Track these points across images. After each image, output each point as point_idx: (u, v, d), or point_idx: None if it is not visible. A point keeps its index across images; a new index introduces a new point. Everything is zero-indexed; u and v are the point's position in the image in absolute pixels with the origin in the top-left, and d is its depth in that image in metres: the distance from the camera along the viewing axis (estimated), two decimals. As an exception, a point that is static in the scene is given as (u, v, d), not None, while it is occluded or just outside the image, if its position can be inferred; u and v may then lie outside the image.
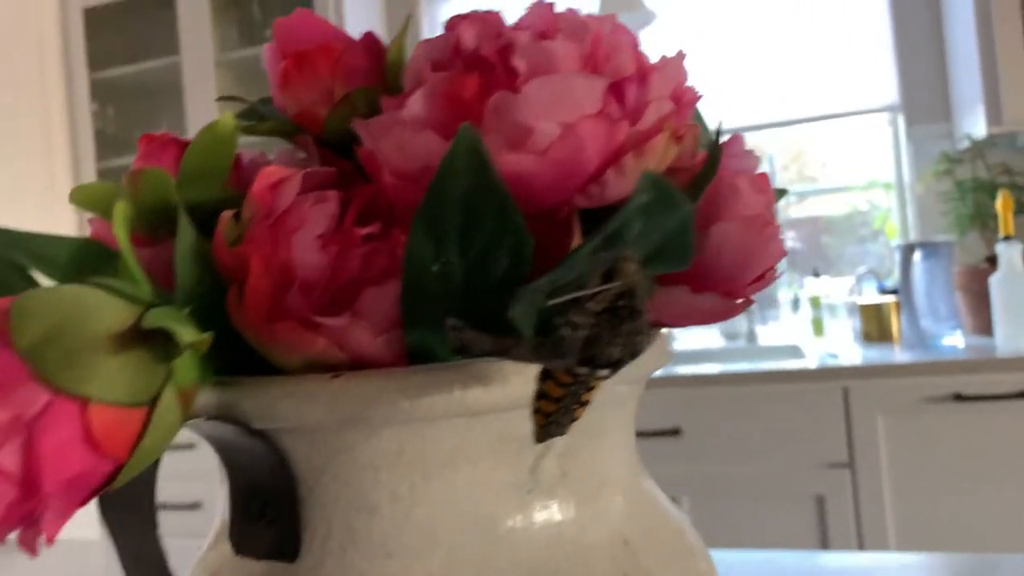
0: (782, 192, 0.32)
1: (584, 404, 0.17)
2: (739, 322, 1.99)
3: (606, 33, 0.22)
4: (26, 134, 1.98)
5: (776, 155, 2.20)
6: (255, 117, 0.26)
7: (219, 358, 0.22)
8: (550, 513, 0.23)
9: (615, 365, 0.16)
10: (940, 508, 1.48)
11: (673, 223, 0.18)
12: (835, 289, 1.88)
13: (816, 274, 1.90)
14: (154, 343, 0.17)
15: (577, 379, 0.16)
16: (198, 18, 2.02)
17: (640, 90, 0.21)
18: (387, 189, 0.21)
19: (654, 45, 2.05)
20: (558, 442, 0.23)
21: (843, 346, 1.74)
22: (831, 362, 1.55)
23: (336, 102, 0.23)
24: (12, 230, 0.19)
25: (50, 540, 0.15)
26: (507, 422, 0.22)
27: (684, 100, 0.22)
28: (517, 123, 0.19)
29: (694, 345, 2.00)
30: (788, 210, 2.20)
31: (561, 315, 0.15)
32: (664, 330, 0.27)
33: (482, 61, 0.21)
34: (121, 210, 0.20)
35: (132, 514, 0.19)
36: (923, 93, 1.92)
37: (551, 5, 0.23)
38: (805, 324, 1.91)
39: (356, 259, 0.20)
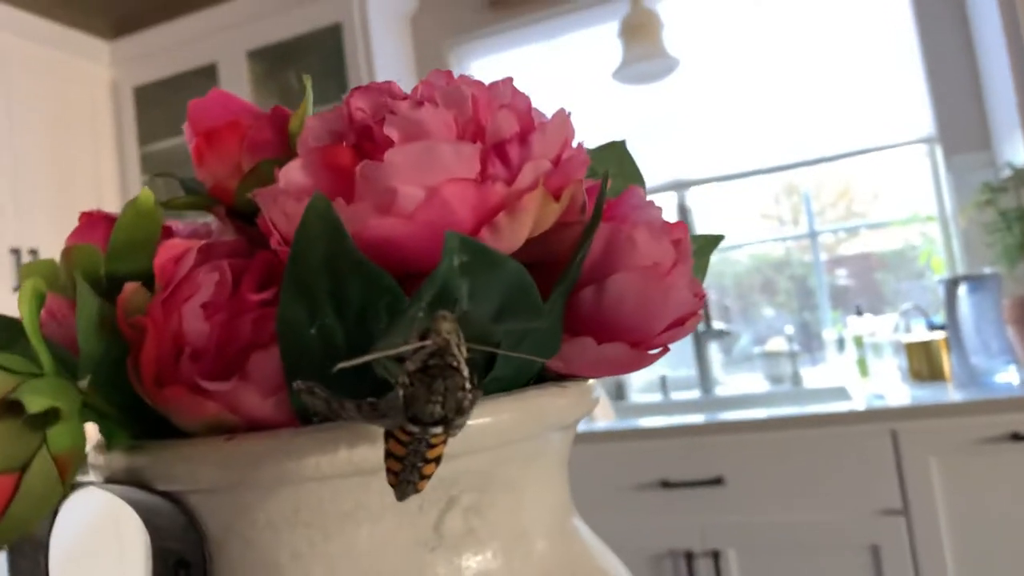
0: (716, 238, 0.32)
1: (432, 461, 0.17)
2: (783, 364, 1.94)
3: (489, 98, 0.23)
4: (81, 205, 2.09)
5: (821, 193, 2.16)
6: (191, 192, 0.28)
7: (137, 423, 0.24)
8: (456, 570, 0.23)
9: (442, 423, 0.16)
10: (1002, 554, 1.39)
11: (506, 279, 0.18)
12: (880, 327, 1.82)
13: (859, 312, 1.85)
14: (30, 415, 0.18)
15: (413, 437, 0.17)
16: (239, 89, 2.12)
17: (522, 151, 0.22)
18: (280, 254, 0.22)
19: (679, 90, 2.07)
20: (463, 498, 0.23)
21: (890, 386, 1.68)
22: (878, 403, 1.49)
23: (244, 175, 0.24)
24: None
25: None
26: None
27: (567, 158, 0.22)
28: (383, 188, 0.20)
29: (737, 390, 1.96)
30: (838, 247, 2.16)
31: (388, 376, 0.16)
32: (591, 381, 0.27)
33: (366, 131, 0.22)
34: (29, 287, 0.21)
35: (31, 553, 0.20)
36: (959, 123, 1.88)
37: (449, 73, 0.24)
38: (851, 365, 1.85)
39: (248, 324, 0.21)
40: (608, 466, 1.62)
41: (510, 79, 0.24)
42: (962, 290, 1.63)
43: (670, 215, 2.02)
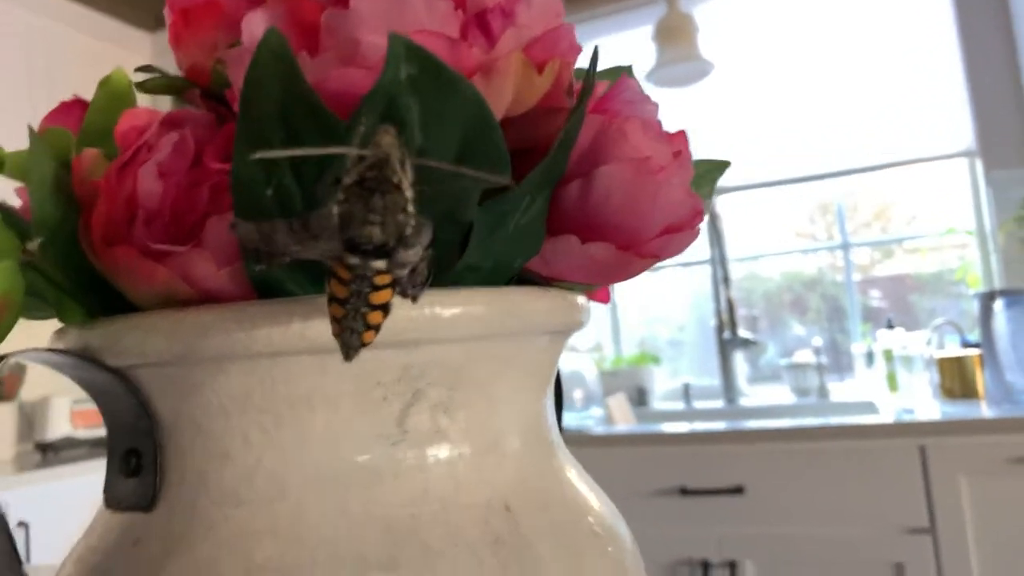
0: (722, 163, 0.30)
1: (378, 308, 0.16)
2: (810, 377, 1.89)
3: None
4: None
5: (856, 211, 2.11)
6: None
7: (92, 302, 0.22)
8: (418, 469, 0.21)
9: (383, 251, 0.15)
10: (1037, 581, 1.33)
11: (463, 110, 0.17)
12: (912, 342, 1.77)
13: (890, 325, 1.80)
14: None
15: (355, 273, 0.15)
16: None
17: (504, 22, 0.21)
18: (243, 123, 0.21)
19: (713, 95, 2.04)
20: (430, 393, 0.22)
21: (920, 402, 1.62)
22: (907, 418, 1.45)
23: (219, 53, 0.23)
24: None
25: None
26: (365, 364, 0.20)
27: (554, 29, 0.21)
28: (348, 39, 0.18)
29: (762, 401, 1.91)
30: (872, 268, 2.11)
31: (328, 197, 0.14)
32: (581, 299, 0.26)
33: (336, -6, 0.21)
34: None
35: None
36: (1001, 137, 1.83)
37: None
38: (880, 380, 1.80)
39: (206, 191, 0.20)
40: (627, 471, 1.59)
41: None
42: (998, 305, 1.57)
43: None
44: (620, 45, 2.14)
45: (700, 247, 2.01)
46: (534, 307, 0.23)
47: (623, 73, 0.26)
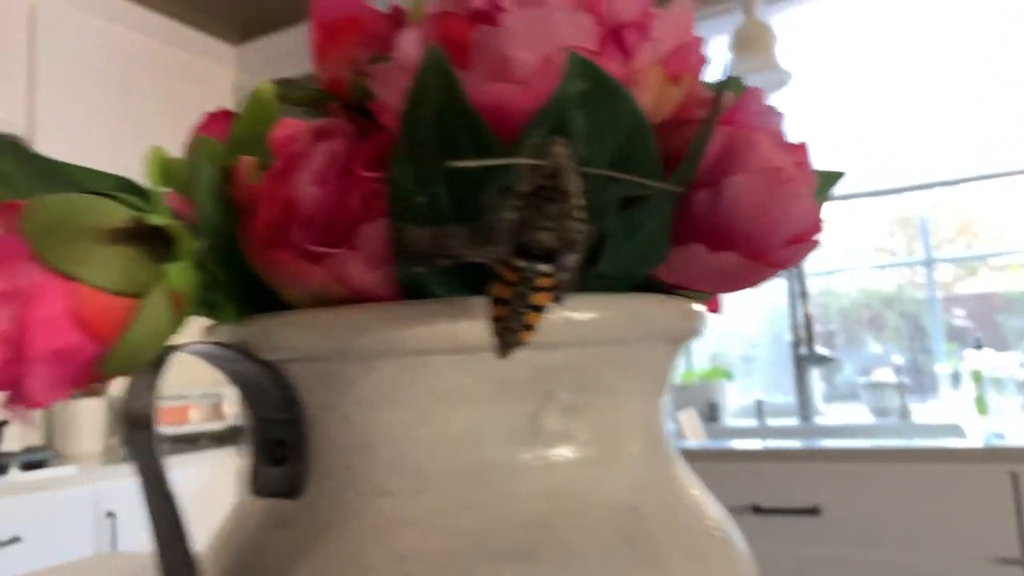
0: (835, 175, 0.30)
1: (538, 309, 0.17)
2: (890, 397, 1.83)
3: (609, -16, 0.22)
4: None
5: (940, 226, 2.04)
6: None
7: (245, 301, 0.24)
8: (550, 468, 0.22)
9: (551, 256, 0.15)
10: None
11: (623, 121, 0.17)
12: (1002, 363, 1.69)
13: (979, 346, 1.72)
14: (151, 247, 0.18)
15: (521, 275, 0.16)
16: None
17: (639, 37, 0.21)
18: (392, 133, 0.22)
19: (794, 104, 2.00)
20: (562, 394, 0.22)
21: (1012, 426, 1.55)
22: (997, 442, 1.38)
23: (360, 66, 0.24)
24: (61, 162, 0.22)
25: (36, 405, 0.16)
26: (504, 366, 0.21)
27: (688, 44, 0.22)
28: (497, 55, 0.19)
29: (839, 420, 1.86)
30: (955, 285, 2.03)
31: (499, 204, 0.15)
32: (697, 307, 0.26)
33: (480, 12, 0.22)
34: (155, 155, 0.22)
35: (137, 430, 0.21)
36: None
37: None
38: (967, 402, 1.72)
39: (357, 198, 0.21)
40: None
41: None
42: (1100, 326, 1.49)
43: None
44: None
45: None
46: (659, 313, 0.23)
47: (746, 87, 0.26)
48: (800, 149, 0.25)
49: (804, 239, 0.24)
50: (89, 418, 2.02)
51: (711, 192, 0.23)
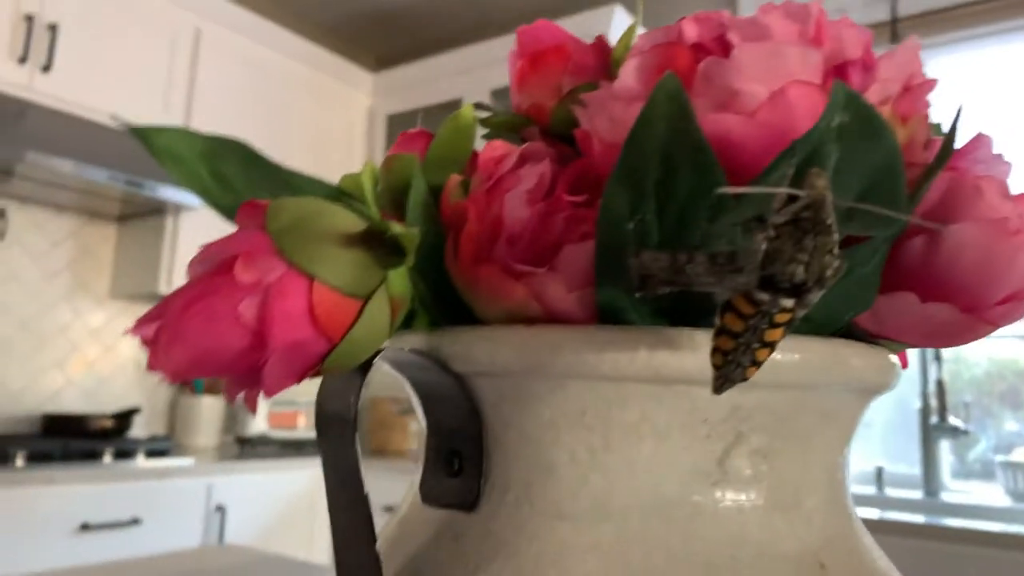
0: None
1: (768, 346, 0.16)
2: (1030, 480, 1.68)
3: (832, 22, 0.22)
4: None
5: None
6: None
7: (437, 312, 0.25)
8: (737, 511, 0.21)
9: (799, 290, 0.15)
10: None
11: (878, 156, 0.17)
12: None
13: None
14: (377, 252, 0.19)
15: (759, 309, 0.16)
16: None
17: (865, 74, 0.21)
18: (597, 160, 0.22)
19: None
20: (753, 437, 0.22)
21: None
22: None
23: (563, 95, 0.25)
24: (282, 167, 0.23)
25: (268, 393, 0.17)
26: (697, 399, 0.21)
27: (917, 85, 0.21)
28: (725, 87, 0.19)
29: (969, 499, 1.72)
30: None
31: (746, 233, 0.15)
32: (894, 359, 0.25)
33: (700, 45, 0.22)
34: (369, 168, 0.23)
35: (337, 429, 0.21)
36: None
37: (799, 3, 0.23)
38: (1122, 493, 1.56)
39: (560, 221, 0.22)
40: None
41: (848, 19, 0.23)
42: None
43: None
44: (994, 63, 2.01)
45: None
46: (861, 363, 0.22)
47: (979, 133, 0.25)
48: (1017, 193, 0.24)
49: (1022, 296, 0.22)
50: (209, 414, 2.14)
51: (928, 239, 0.22)
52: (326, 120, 2.41)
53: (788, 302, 0.15)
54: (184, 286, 0.18)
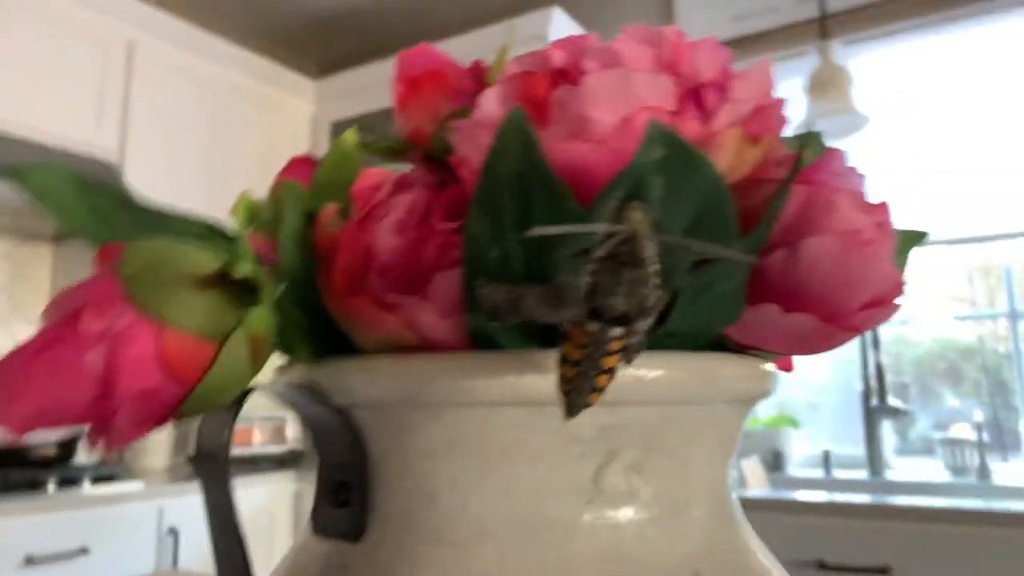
0: (919, 234, 0.29)
1: (608, 372, 0.17)
2: (968, 455, 1.74)
3: (687, 43, 0.22)
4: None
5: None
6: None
7: (319, 343, 0.25)
8: (612, 528, 0.22)
9: (623, 320, 0.15)
10: None
11: (701, 187, 0.17)
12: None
13: (1067, 405, 1.63)
14: (234, 292, 0.19)
15: (592, 338, 0.16)
16: (424, 131, 2.26)
17: (719, 97, 0.21)
18: (468, 186, 0.22)
19: (871, 148, 1.96)
20: (626, 453, 0.22)
21: (1105, 493, 1.45)
22: (1087, 510, 1.30)
23: (441, 120, 0.25)
24: (153, 208, 0.23)
25: (119, 443, 0.17)
26: (570, 422, 0.21)
27: (768, 105, 0.21)
28: (577, 115, 0.20)
29: (911, 476, 1.78)
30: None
31: (574, 267, 0.15)
32: (768, 368, 0.25)
33: (564, 70, 0.22)
34: (243, 200, 0.23)
35: (211, 469, 0.21)
36: None
37: (654, 28, 0.24)
38: (1054, 464, 1.63)
39: (433, 249, 0.22)
40: (760, 538, 1.51)
41: (713, 38, 0.23)
42: None
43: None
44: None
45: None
46: (730, 374, 0.23)
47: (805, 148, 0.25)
48: (881, 209, 0.25)
49: (883, 303, 0.23)
50: (157, 436, 2.09)
51: (788, 252, 0.23)
52: (270, 129, 2.37)
53: (617, 331, 0.16)
54: (32, 337, 0.17)
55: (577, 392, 0.17)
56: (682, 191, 0.18)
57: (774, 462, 1.89)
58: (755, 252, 0.22)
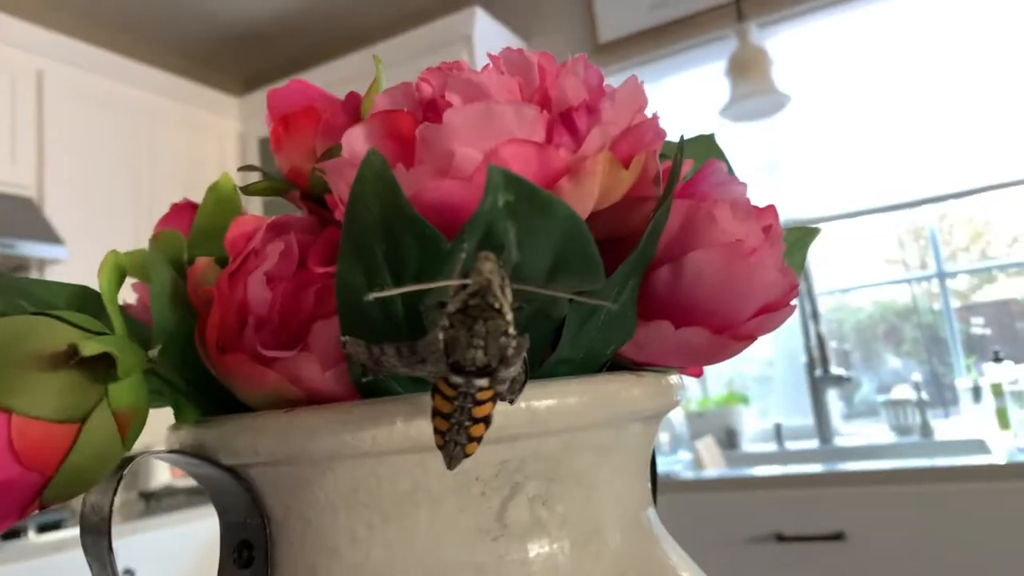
0: (812, 231, 0.30)
1: (481, 421, 0.16)
2: (910, 414, 1.80)
3: (556, 68, 0.22)
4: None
5: (952, 235, 2.02)
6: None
7: (207, 401, 0.24)
8: (519, 563, 0.21)
9: (486, 371, 0.15)
10: None
11: (556, 225, 0.17)
12: (1023, 375, 1.66)
13: (998, 358, 1.69)
14: (92, 368, 0.18)
15: (458, 391, 0.16)
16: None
17: (590, 119, 0.21)
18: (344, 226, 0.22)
19: (791, 127, 2.00)
20: (529, 486, 0.22)
21: (1038, 440, 1.51)
22: (1022, 458, 1.35)
23: (317, 158, 0.24)
24: (17, 277, 0.22)
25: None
26: (466, 461, 0.21)
27: (638, 124, 0.21)
28: (442, 151, 0.19)
29: (859, 441, 1.83)
30: (973, 294, 2.00)
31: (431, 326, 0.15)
32: (675, 377, 0.25)
33: (432, 102, 0.22)
34: (110, 259, 0.22)
35: (93, 540, 0.20)
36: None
37: (520, 51, 0.23)
38: (989, 416, 1.69)
39: (312, 295, 0.21)
40: (718, 517, 1.54)
41: (583, 56, 0.23)
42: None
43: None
44: (693, 82, 2.13)
45: (785, 282, 1.96)
46: (629, 394, 0.23)
47: (698, 152, 0.25)
48: (767, 212, 0.25)
49: (775, 307, 0.24)
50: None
51: (673, 268, 0.22)
52: (196, 151, 2.31)
53: (482, 381, 0.15)
54: None
55: (453, 444, 0.16)
56: (537, 232, 0.17)
57: (728, 440, 1.92)
58: (641, 271, 0.22)
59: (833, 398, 1.91)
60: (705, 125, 2.02)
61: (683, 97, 2.16)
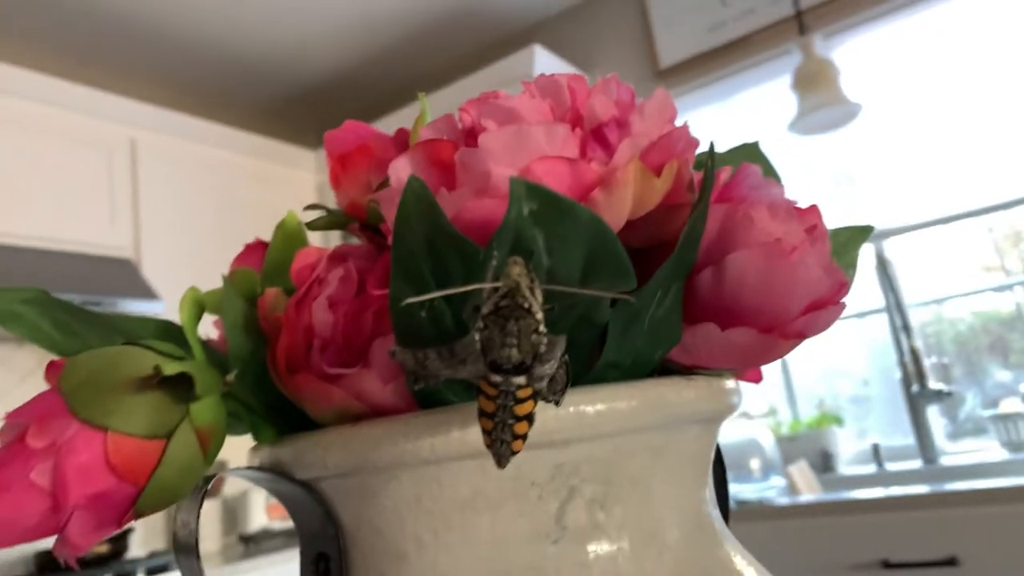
0: (865, 228, 0.29)
1: (523, 419, 0.17)
2: (1022, 429, 1.69)
3: (586, 88, 0.23)
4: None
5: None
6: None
7: (282, 421, 0.25)
8: (580, 566, 0.22)
9: (522, 368, 0.16)
10: None
11: (582, 231, 0.18)
12: None
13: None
14: (175, 389, 0.20)
15: (499, 389, 0.17)
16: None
17: (621, 133, 0.22)
18: (396, 252, 0.23)
19: (868, 136, 1.95)
20: (585, 489, 0.22)
21: None
22: None
23: (372, 190, 0.26)
24: (111, 314, 0.24)
25: (77, 549, 0.18)
26: (520, 466, 0.22)
27: (667, 133, 0.22)
28: (480, 173, 0.21)
29: (966, 459, 1.72)
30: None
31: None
32: (730, 381, 0.26)
33: (471, 130, 0.23)
34: (190, 294, 0.24)
35: (185, 556, 0.22)
36: None
37: (551, 76, 0.25)
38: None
39: (371, 316, 0.23)
40: (818, 544, 1.48)
41: (614, 77, 0.24)
42: None
43: (866, 267, 1.87)
44: (760, 98, 2.10)
45: (872, 295, 1.89)
46: (679, 397, 0.23)
47: (743, 161, 0.26)
48: (810, 212, 0.25)
49: (823, 305, 0.24)
50: (207, 518, 2.11)
51: (714, 270, 0.23)
52: (275, 204, 2.43)
53: (520, 379, 0.16)
54: (-15, 459, 0.18)
55: (500, 442, 0.17)
56: (564, 237, 0.18)
57: (823, 463, 1.85)
58: (683, 275, 0.23)
59: (935, 415, 1.81)
60: (776, 141, 2.00)
61: (752, 114, 2.13)
